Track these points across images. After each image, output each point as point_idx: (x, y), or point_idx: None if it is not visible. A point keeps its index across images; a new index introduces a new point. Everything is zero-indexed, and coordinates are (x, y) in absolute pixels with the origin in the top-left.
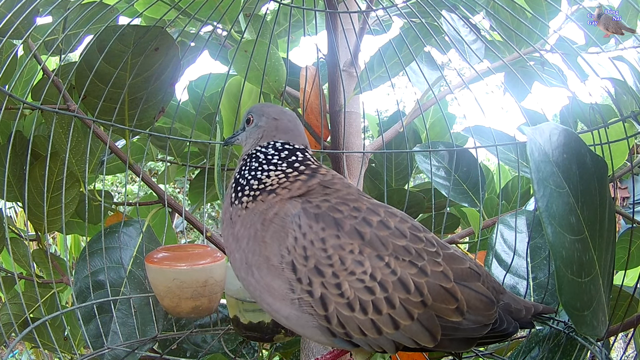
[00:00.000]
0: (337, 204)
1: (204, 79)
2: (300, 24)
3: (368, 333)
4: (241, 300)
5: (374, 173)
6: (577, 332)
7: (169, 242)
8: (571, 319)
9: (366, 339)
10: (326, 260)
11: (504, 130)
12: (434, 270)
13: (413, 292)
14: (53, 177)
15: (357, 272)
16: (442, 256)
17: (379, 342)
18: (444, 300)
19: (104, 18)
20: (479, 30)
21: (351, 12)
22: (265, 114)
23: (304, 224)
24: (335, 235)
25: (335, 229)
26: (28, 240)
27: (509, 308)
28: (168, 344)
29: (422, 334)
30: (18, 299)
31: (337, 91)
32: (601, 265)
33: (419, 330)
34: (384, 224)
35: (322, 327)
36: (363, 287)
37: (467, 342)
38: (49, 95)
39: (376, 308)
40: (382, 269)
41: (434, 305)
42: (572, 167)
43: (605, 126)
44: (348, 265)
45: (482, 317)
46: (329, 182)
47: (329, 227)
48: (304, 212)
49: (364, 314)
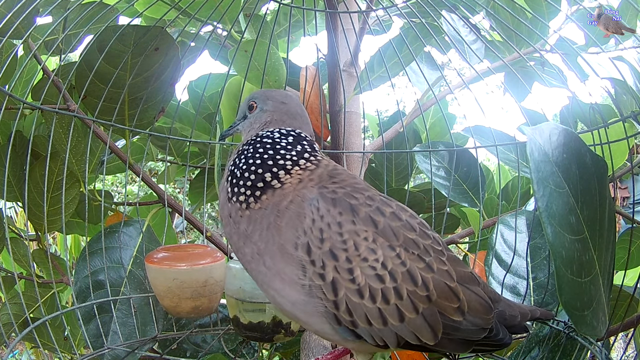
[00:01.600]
0: (352, 191)
1: (204, 79)
2: (300, 24)
3: (374, 322)
4: (241, 300)
5: (374, 173)
6: (577, 332)
7: (169, 242)
8: (571, 319)
9: (371, 329)
10: (341, 244)
11: (504, 130)
12: (439, 268)
13: (420, 285)
14: (53, 177)
15: (369, 259)
16: (446, 256)
17: (383, 334)
18: (447, 298)
19: (104, 18)
20: (479, 30)
21: (351, 12)
22: (271, 98)
23: (322, 207)
24: (352, 220)
25: (352, 214)
26: (28, 240)
27: (504, 315)
28: (168, 344)
29: (425, 329)
30: (18, 299)
31: (337, 91)
32: (601, 265)
33: (422, 325)
34: (396, 215)
35: (329, 314)
36: (374, 275)
37: (465, 345)
38: (49, 95)
39: (384, 297)
40: (393, 258)
41: (438, 302)
42: (572, 167)
43: (605, 126)
44: (362, 251)
45: (480, 320)
46: (333, 172)
47: (345, 212)
48: (321, 197)
49: (373, 302)
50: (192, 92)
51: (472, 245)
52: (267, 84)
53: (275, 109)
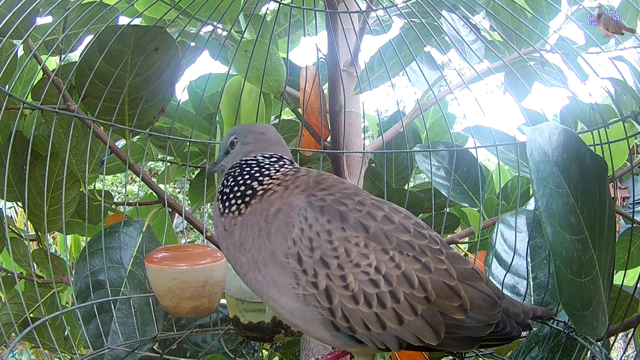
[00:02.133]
0: (341, 197)
1: (204, 79)
2: (301, 24)
3: (372, 327)
4: (241, 300)
5: (374, 173)
6: (577, 332)
7: (169, 242)
8: (571, 319)
9: (370, 334)
10: (332, 252)
11: (504, 130)
12: (437, 267)
13: (417, 287)
14: (53, 177)
15: (362, 265)
16: (445, 254)
17: (383, 338)
18: (447, 297)
19: (104, 18)
20: (479, 31)
21: (351, 12)
22: (250, 132)
23: (310, 216)
24: (341, 227)
25: (341, 221)
26: (28, 240)
27: (507, 312)
28: (168, 344)
29: (426, 330)
30: (18, 298)
31: (337, 91)
32: (601, 265)
33: (423, 327)
34: (388, 218)
35: (326, 321)
36: (368, 280)
37: (471, 342)
38: (49, 95)
39: (380, 301)
40: (387, 262)
41: (438, 302)
42: (572, 167)
43: (605, 126)
44: (353, 257)
45: (485, 317)
46: (318, 177)
47: (334, 219)
48: (309, 205)
49: (369, 307)
50: (192, 92)
51: (472, 245)
52: (267, 83)
53: (256, 140)
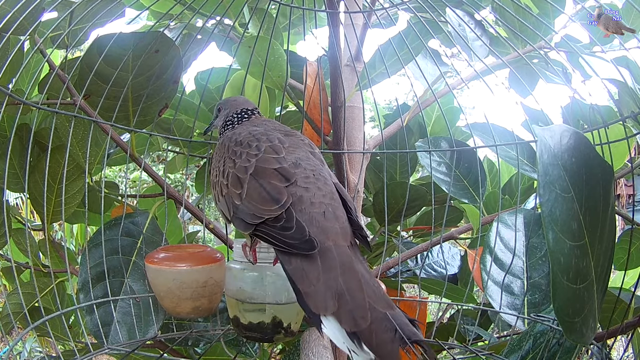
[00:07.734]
0: (246, 135)
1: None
2: (302, 20)
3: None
4: (241, 300)
5: (378, 166)
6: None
7: (173, 233)
8: (561, 326)
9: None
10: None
11: (506, 127)
12: (240, 165)
13: (225, 177)
14: (59, 169)
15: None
16: (258, 158)
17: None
18: (235, 186)
19: (111, 12)
20: (484, 27)
21: (351, 12)
22: (227, 101)
23: (220, 142)
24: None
25: (226, 147)
26: (31, 229)
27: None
28: (168, 344)
29: (224, 207)
30: (25, 288)
31: (338, 87)
32: (597, 271)
33: (224, 204)
34: (245, 144)
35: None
36: (220, 172)
37: (245, 225)
38: (55, 89)
39: (220, 182)
40: (225, 164)
41: (231, 190)
42: (580, 171)
43: (606, 126)
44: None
45: (254, 208)
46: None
47: (223, 146)
48: (226, 137)
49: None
50: (199, 84)
51: (473, 241)
52: (270, 78)
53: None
